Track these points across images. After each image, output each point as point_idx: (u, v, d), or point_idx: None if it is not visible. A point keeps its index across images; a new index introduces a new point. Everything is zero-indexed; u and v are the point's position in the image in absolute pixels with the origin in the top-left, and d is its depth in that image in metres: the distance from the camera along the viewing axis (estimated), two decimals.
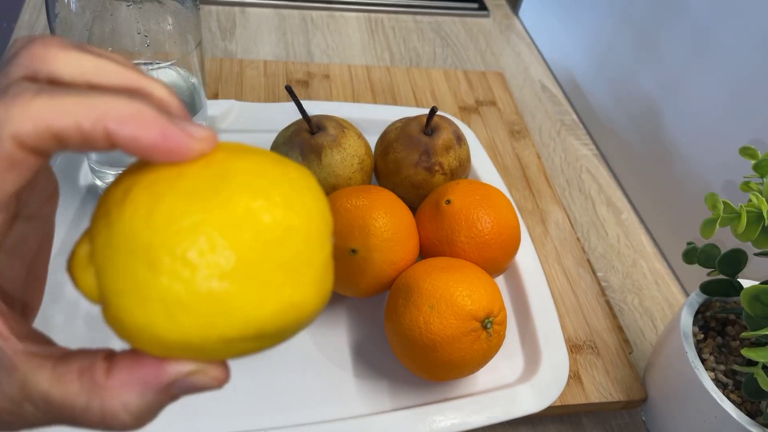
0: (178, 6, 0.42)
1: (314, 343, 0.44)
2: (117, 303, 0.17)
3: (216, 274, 0.17)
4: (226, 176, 0.18)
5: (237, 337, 0.17)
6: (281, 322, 0.18)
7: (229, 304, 0.17)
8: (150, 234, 0.17)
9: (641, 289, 0.55)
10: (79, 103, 0.17)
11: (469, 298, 0.37)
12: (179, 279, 0.16)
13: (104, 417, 0.18)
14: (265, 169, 0.19)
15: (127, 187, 0.18)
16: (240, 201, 0.17)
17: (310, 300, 0.18)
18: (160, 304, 0.17)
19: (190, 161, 0.18)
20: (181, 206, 0.17)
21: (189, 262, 0.16)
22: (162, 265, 0.16)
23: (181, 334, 0.17)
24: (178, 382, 0.18)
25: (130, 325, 0.17)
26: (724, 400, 0.37)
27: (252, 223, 0.17)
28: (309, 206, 0.19)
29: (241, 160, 0.18)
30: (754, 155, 0.38)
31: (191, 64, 0.45)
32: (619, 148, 0.68)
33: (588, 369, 0.46)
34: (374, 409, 0.41)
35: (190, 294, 0.17)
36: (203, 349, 0.18)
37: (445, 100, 0.69)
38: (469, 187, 0.44)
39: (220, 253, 0.17)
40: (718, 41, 0.54)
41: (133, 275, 0.17)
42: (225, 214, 0.17)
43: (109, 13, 0.40)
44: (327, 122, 0.47)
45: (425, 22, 0.84)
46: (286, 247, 0.18)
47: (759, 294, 0.35)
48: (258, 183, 0.18)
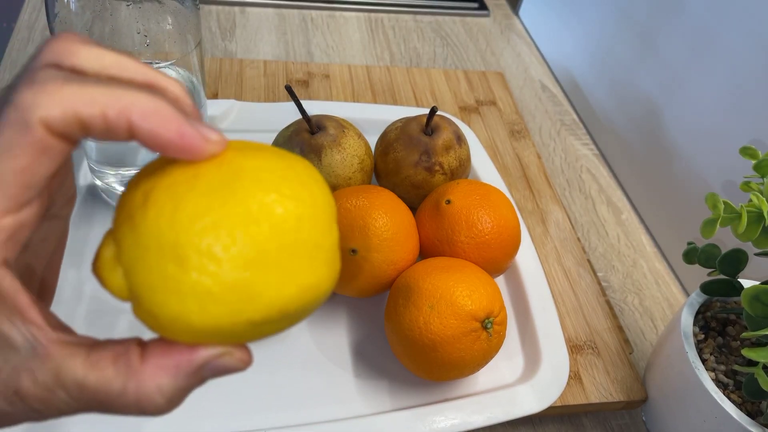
0: (177, 6, 0.42)
1: (314, 343, 0.44)
2: (150, 298, 0.18)
3: (239, 265, 0.18)
4: (239, 175, 0.19)
5: (262, 319, 0.19)
6: (301, 303, 0.20)
7: (254, 290, 0.18)
8: (176, 233, 0.18)
9: (641, 289, 0.55)
10: (105, 94, 0.18)
11: (469, 298, 0.37)
12: (207, 273, 0.18)
13: (139, 400, 0.19)
14: (273, 164, 0.20)
15: (146, 191, 0.19)
16: (255, 197, 0.19)
17: (324, 280, 0.20)
18: (192, 297, 0.18)
19: (202, 161, 0.19)
20: (202, 205, 0.18)
21: (214, 256, 0.18)
22: (190, 261, 0.18)
23: (212, 322, 0.18)
24: (209, 364, 0.20)
25: (163, 318, 0.19)
26: (724, 401, 0.37)
27: (267, 215, 0.19)
28: (315, 196, 0.20)
29: (250, 159, 0.20)
30: (754, 155, 0.38)
31: (191, 63, 0.45)
32: (619, 148, 0.68)
33: (588, 369, 0.46)
34: (374, 409, 0.41)
35: (218, 285, 0.18)
36: (232, 333, 0.19)
37: (445, 99, 0.69)
38: (469, 187, 0.44)
39: (242, 246, 0.18)
40: (718, 41, 0.54)
41: (164, 272, 0.18)
42: (242, 210, 0.18)
43: (109, 12, 0.40)
44: (327, 122, 0.47)
45: (425, 21, 0.84)
46: (299, 235, 0.19)
47: (759, 294, 0.35)
48: (268, 179, 0.19)
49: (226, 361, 0.20)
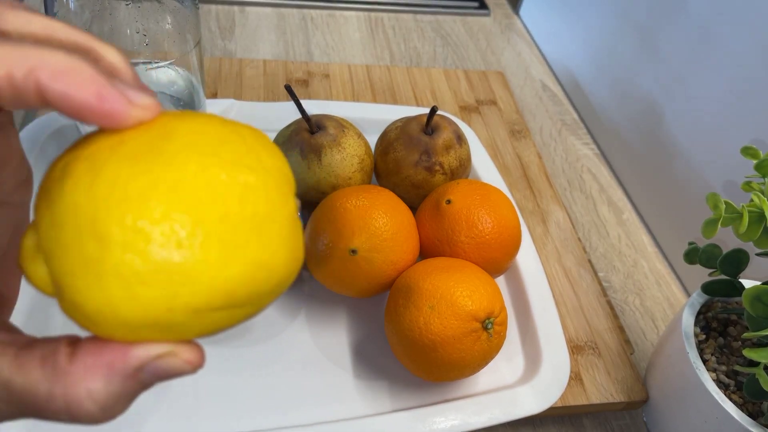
0: (177, 5, 0.42)
1: (314, 343, 0.43)
2: (71, 285, 0.16)
3: (172, 239, 0.16)
4: (170, 137, 0.17)
5: (205, 306, 0.16)
6: (251, 285, 0.17)
7: (191, 269, 0.16)
8: (94, 206, 0.15)
9: (642, 290, 0.55)
10: (11, 52, 0.15)
11: (469, 299, 0.37)
12: (132, 249, 0.15)
13: (69, 406, 0.16)
14: (212, 127, 0.18)
15: (65, 164, 0.17)
16: (189, 160, 0.16)
17: (280, 258, 0.18)
18: (116, 279, 0.15)
19: (131, 129, 0.17)
20: (124, 172, 0.16)
21: (141, 230, 0.15)
22: (112, 237, 0.15)
23: (143, 309, 0.16)
24: (148, 366, 0.17)
25: (88, 308, 0.16)
26: (725, 401, 0.37)
27: (204, 182, 0.16)
28: (265, 162, 0.18)
29: (184, 122, 0.17)
30: (755, 155, 0.38)
31: (190, 63, 0.45)
32: (620, 147, 0.68)
33: (589, 369, 0.46)
34: (374, 409, 0.40)
35: (147, 264, 0.15)
36: (171, 324, 0.16)
37: (445, 99, 0.69)
38: (470, 187, 0.44)
39: (174, 217, 0.16)
40: (718, 41, 0.54)
41: (83, 252, 0.15)
42: (174, 176, 0.16)
43: (108, 12, 0.40)
44: (327, 122, 0.47)
45: (425, 21, 0.84)
46: (243, 205, 0.17)
47: (760, 294, 0.35)
48: (205, 141, 0.17)
49: (169, 363, 0.17)
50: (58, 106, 0.16)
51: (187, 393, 0.39)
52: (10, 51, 0.16)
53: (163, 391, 0.39)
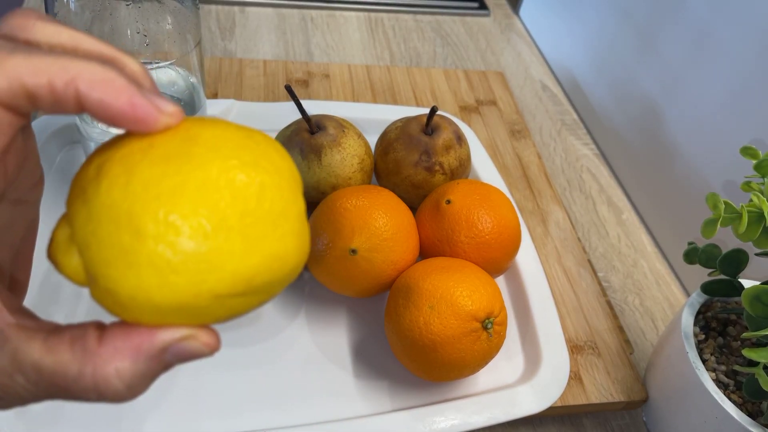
0: (177, 5, 0.42)
1: (314, 343, 0.44)
2: (106, 274, 0.17)
3: (200, 233, 0.17)
4: (196, 142, 0.18)
5: (227, 292, 0.18)
6: (267, 274, 0.19)
7: (216, 259, 0.18)
8: (130, 202, 0.17)
9: (642, 290, 0.55)
10: (53, 63, 0.17)
11: (469, 299, 0.37)
12: (165, 241, 0.17)
13: (97, 384, 0.18)
14: (231, 133, 0.19)
15: (99, 164, 0.18)
16: (214, 163, 0.18)
17: (292, 250, 0.19)
18: (151, 268, 0.17)
19: (158, 134, 0.19)
20: (157, 172, 0.18)
21: (173, 225, 0.17)
22: (147, 230, 0.17)
23: (173, 295, 0.17)
24: (171, 348, 0.19)
25: (122, 294, 0.18)
26: (725, 401, 0.37)
27: (227, 181, 0.18)
28: (277, 163, 0.20)
29: (207, 128, 0.19)
30: (755, 155, 0.38)
31: (191, 63, 0.45)
32: (619, 147, 0.68)
33: (589, 369, 0.46)
34: (374, 409, 0.40)
35: (178, 254, 0.17)
36: (196, 308, 0.18)
37: (445, 99, 0.69)
38: (470, 187, 0.44)
39: (202, 213, 0.17)
40: (718, 41, 0.54)
41: (120, 244, 0.17)
42: (202, 176, 0.18)
43: (109, 12, 0.40)
44: (327, 122, 0.47)
45: (425, 21, 0.84)
46: (261, 202, 0.18)
47: (760, 294, 0.35)
48: (227, 146, 0.19)
49: (190, 345, 0.19)
50: (95, 112, 0.18)
51: (187, 392, 0.39)
52: (51, 62, 0.17)
53: (164, 390, 0.39)
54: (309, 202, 0.47)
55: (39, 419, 0.36)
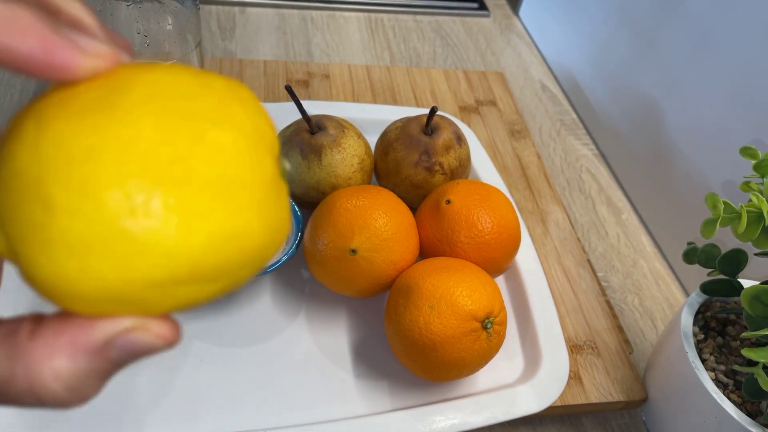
0: (177, 6, 0.42)
1: (314, 343, 0.44)
2: (24, 254, 0.14)
3: (125, 205, 0.14)
4: (127, 89, 0.15)
5: (168, 278, 0.15)
6: (218, 257, 0.15)
7: (147, 238, 0.14)
8: (38, 166, 0.14)
9: (641, 289, 0.55)
10: None
11: (469, 298, 0.37)
12: (80, 215, 0.14)
13: (32, 386, 0.15)
14: (177, 79, 0.16)
15: (16, 122, 0.15)
16: (145, 116, 0.15)
17: (252, 227, 0.16)
18: (65, 248, 0.14)
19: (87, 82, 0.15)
20: (71, 129, 0.14)
21: (90, 194, 0.14)
22: (58, 201, 0.14)
23: (98, 282, 0.14)
24: (115, 342, 0.16)
25: (42, 279, 0.15)
26: (724, 401, 0.37)
27: (162, 140, 0.14)
28: (236, 117, 0.16)
29: (146, 73, 0.15)
30: (754, 155, 0.38)
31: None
32: (619, 147, 0.68)
33: (588, 369, 0.46)
34: (374, 409, 0.41)
35: (97, 232, 0.14)
36: (132, 298, 0.15)
37: (445, 99, 0.69)
38: (469, 187, 0.44)
39: (127, 180, 0.14)
40: (718, 41, 0.54)
41: (30, 217, 0.14)
42: (127, 132, 0.14)
43: (109, 12, 0.40)
44: (327, 122, 0.47)
45: (425, 21, 0.84)
46: (208, 167, 0.15)
47: (759, 294, 0.35)
48: (167, 94, 0.15)
49: (139, 338, 0.16)
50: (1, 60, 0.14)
51: (187, 392, 0.39)
52: None
53: (163, 390, 0.39)
54: (309, 202, 0.47)
55: (39, 419, 0.37)
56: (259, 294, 0.46)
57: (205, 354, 0.41)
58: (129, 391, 0.39)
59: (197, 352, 0.41)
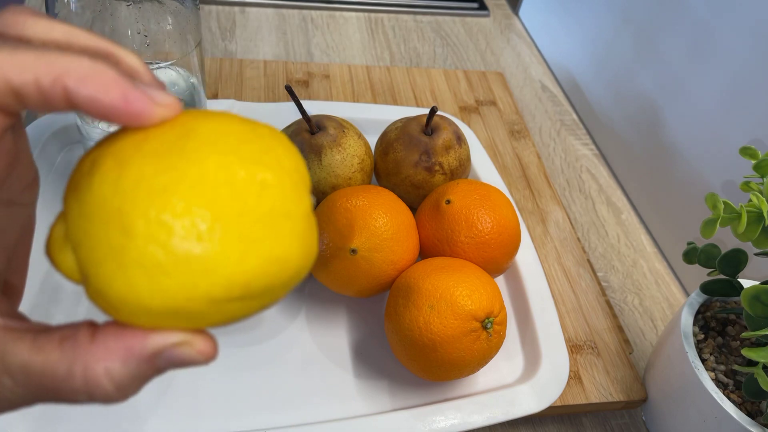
0: (177, 6, 0.42)
1: (314, 343, 0.44)
2: (97, 274, 0.17)
3: (193, 232, 0.16)
4: (192, 135, 0.17)
5: (223, 296, 0.17)
6: (266, 278, 0.18)
7: (210, 261, 0.17)
8: (120, 198, 0.16)
9: (641, 289, 0.55)
10: (39, 59, 0.16)
11: (469, 298, 0.37)
12: (156, 241, 0.16)
13: (87, 383, 0.17)
14: (232, 126, 0.18)
15: (93, 159, 0.18)
16: (209, 159, 0.17)
17: (293, 253, 0.18)
18: (140, 269, 0.16)
19: (154, 128, 0.18)
20: (149, 168, 0.17)
21: (164, 223, 0.16)
22: (136, 228, 0.16)
23: (164, 298, 0.17)
24: (164, 353, 0.18)
25: (112, 296, 0.17)
26: (724, 400, 0.37)
27: (224, 179, 0.17)
28: (281, 160, 0.19)
29: (206, 121, 0.18)
30: (754, 155, 0.38)
31: (191, 64, 0.45)
32: (619, 148, 0.68)
33: (588, 369, 0.46)
34: (374, 409, 0.41)
35: (169, 255, 0.16)
36: (189, 313, 0.17)
37: (445, 99, 0.69)
38: (469, 187, 0.44)
39: (195, 211, 0.17)
40: (718, 41, 0.54)
41: (109, 243, 0.16)
42: (195, 172, 0.17)
43: (109, 12, 0.40)
44: (327, 122, 0.47)
45: (425, 21, 0.84)
46: (261, 202, 0.17)
47: (759, 294, 0.35)
48: (225, 140, 0.18)
49: (184, 352, 0.18)
50: (87, 109, 0.17)
51: (187, 392, 0.39)
52: (36, 58, 0.16)
53: (164, 390, 0.39)
54: None
55: (39, 419, 0.37)
56: None
57: None
58: None
59: None
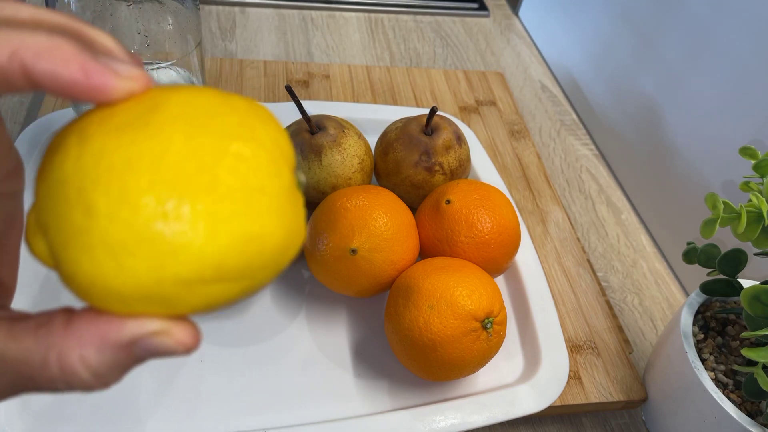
0: (178, 6, 0.42)
1: (314, 343, 0.44)
2: (64, 257, 0.16)
3: (157, 209, 0.16)
4: (158, 108, 0.17)
5: (194, 278, 0.16)
6: (241, 258, 0.17)
7: (177, 239, 0.16)
8: (81, 176, 0.16)
9: (641, 289, 0.55)
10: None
11: (469, 298, 0.37)
12: (118, 220, 0.15)
13: (63, 371, 0.17)
14: (203, 99, 0.18)
15: (59, 138, 0.17)
16: (175, 131, 0.16)
17: (272, 231, 0.17)
18: (104, 250, 0.16)
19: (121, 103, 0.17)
20: (110, 144, 0.16)
21: (126, 200, 0.16)
22: (98, 207, 0.16)
23: (132, 280, 0.16)
24: (141, 342, 0.17)
25: (80, 279, 0.16)
26: (724, 400, 0.37)
27: (191, 152, 0.16)
28: (258, 132, 0.18)
29: (176, 94, 0.17)
30: (754, 155, 0.38)
31: (191, 64, 0.45)
32: (619, 148, 0.68)
33: (588, 369, 0.46)
34: (374, 409, 0.41)
35: (133, 234, 0.16)
36: (162, 296, 0.16)
37: (445, 100, 0.69)
38: (469, 187, 0.44)
39: (159, 187, 0.16)
40: (717, 41, 0.54)
41: (72, 223, 0.16)
42: (160, 146, 0.16)
43: (109, 13, 0.40)
44: (327, 122, 0.47)
45: (425, 22, 0.84)
46: (233, 176, 0.17)
47: (759, 294, 0.35)
48: (194, 112, 0.17)
49: (162, 341, 0.17)
50: (46, 84, 0.16)
51: (187, 392, 0.39)
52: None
53: (164, 389, 0.39)
54: (309, 202, 0.47)
55: (39, 419, 0.37)
56: (260, 294, 0.46)
57: (206, 354, 0.41)
58: (129, 391, 0.39)
59: (197, 352, 0.41)
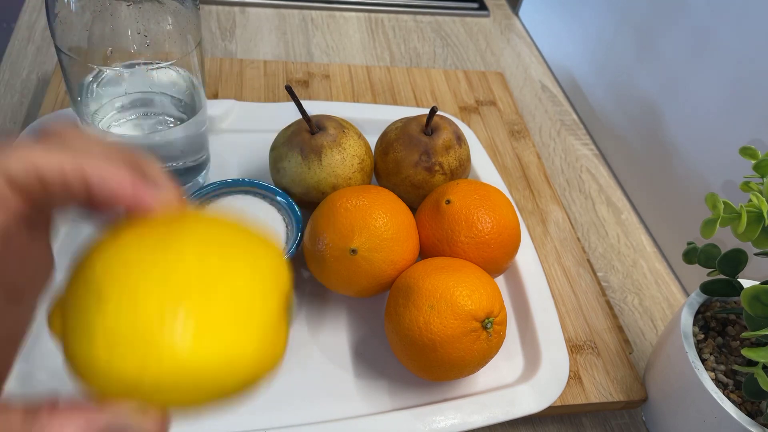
0: (177, 6, 0.42)
1: (314, 343, 0.44)
2: (70, 338, 0.19)
3: (154, 313, 0.18)
4: (180, 235, 0.20)
5: (169, 381, 0.18)
6: (218, 372, 0.19)
7: (163, 342, 0.18)
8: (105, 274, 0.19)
9: (641, 289, 0.55)
10: (64, 152, 0.19)
11: (469, 298, 0.37)
12: (122, 312, 0.18)
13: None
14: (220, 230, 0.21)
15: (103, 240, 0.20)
16: (187, 258, 0.19)
17: (253, 352, 0.20)
18: (103, 335, 0.18)
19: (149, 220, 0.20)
20: (134, 255, 0.19)
21: (133, 299, 0.18)
22: (109, 297, 0.18)
23: (118, 370, 0.18)
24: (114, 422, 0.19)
25: (78, 359, 0.18)
26: (724, 400, 0.37)
27: (197, 272, 0.19)
28: (258, 258, 0.21)
29: (195, 222, 0.21)
30: (754, 155, 0.38)
31: (191, 63, 0.45)
32: (619, 148, 0.68)
33: (588, 369, 0.46)
34: (374, 408, 0.41)
35: (129, 328, 0.18)
36: (140, 390, 0.18)
37: (445, 100, 0.69)
38: (469, 187, 0.44)
39: (159, 294, 0.18)
40: (718, 41, 0.54)
41: (85, 307, 0.18)
42: (173, 266, 0.19)
43: (109, 12, 0.40)
44: (327, 122, 0.47)
45: (425, 21, 0.84)
46: (222, 295, 0.19)
47: (759, 294, 0.35)
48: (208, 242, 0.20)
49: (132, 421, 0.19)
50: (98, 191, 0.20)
51: None
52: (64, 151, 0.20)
53: None
54: (309, 202, 0.47)
55: None
56: None
57: None
58: None
59: None
